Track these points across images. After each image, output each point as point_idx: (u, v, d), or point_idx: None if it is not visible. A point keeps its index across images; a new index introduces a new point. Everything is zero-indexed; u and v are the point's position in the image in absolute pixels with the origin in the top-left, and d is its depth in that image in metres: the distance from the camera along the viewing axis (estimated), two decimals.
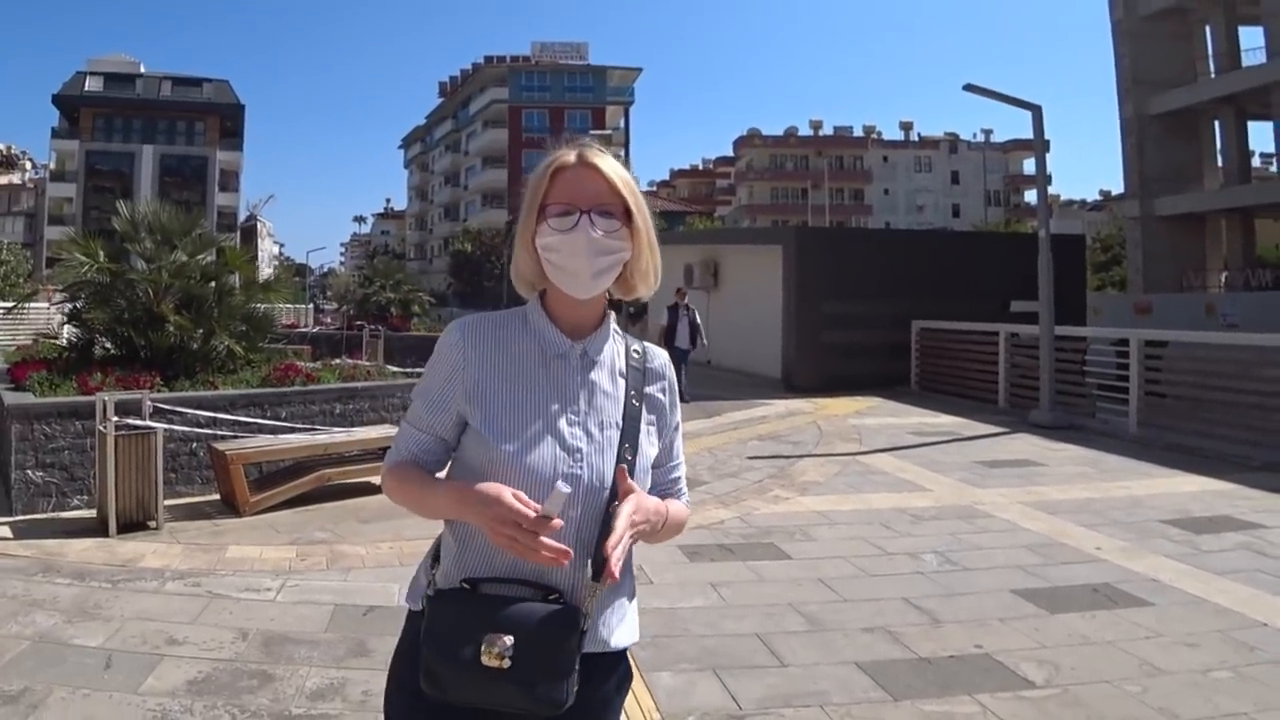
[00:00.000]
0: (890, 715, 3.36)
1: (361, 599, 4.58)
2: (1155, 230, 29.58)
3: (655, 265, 1.57)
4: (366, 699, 3.38)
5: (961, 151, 74.68)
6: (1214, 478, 7.85)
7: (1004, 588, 4.91)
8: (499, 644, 1.33)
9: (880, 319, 15.33)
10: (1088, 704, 3.49)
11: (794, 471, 8.20)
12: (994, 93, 12.07)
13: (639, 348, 1.61)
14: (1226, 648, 4.09)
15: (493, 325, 1.54)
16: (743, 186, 76.88)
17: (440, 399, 1.52)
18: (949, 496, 7.21)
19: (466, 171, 74.88)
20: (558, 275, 1.49)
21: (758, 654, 3.93)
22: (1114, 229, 48.74)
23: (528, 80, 69.51)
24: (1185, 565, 5.36)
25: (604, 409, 1.51)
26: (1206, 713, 3.43)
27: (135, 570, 4.98)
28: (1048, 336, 11.24)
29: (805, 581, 4.97)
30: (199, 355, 7.80)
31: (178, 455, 6.73)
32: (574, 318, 1.53)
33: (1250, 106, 28.19)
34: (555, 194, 1.49)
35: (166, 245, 8.02)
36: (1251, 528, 6.23)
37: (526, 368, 1.50)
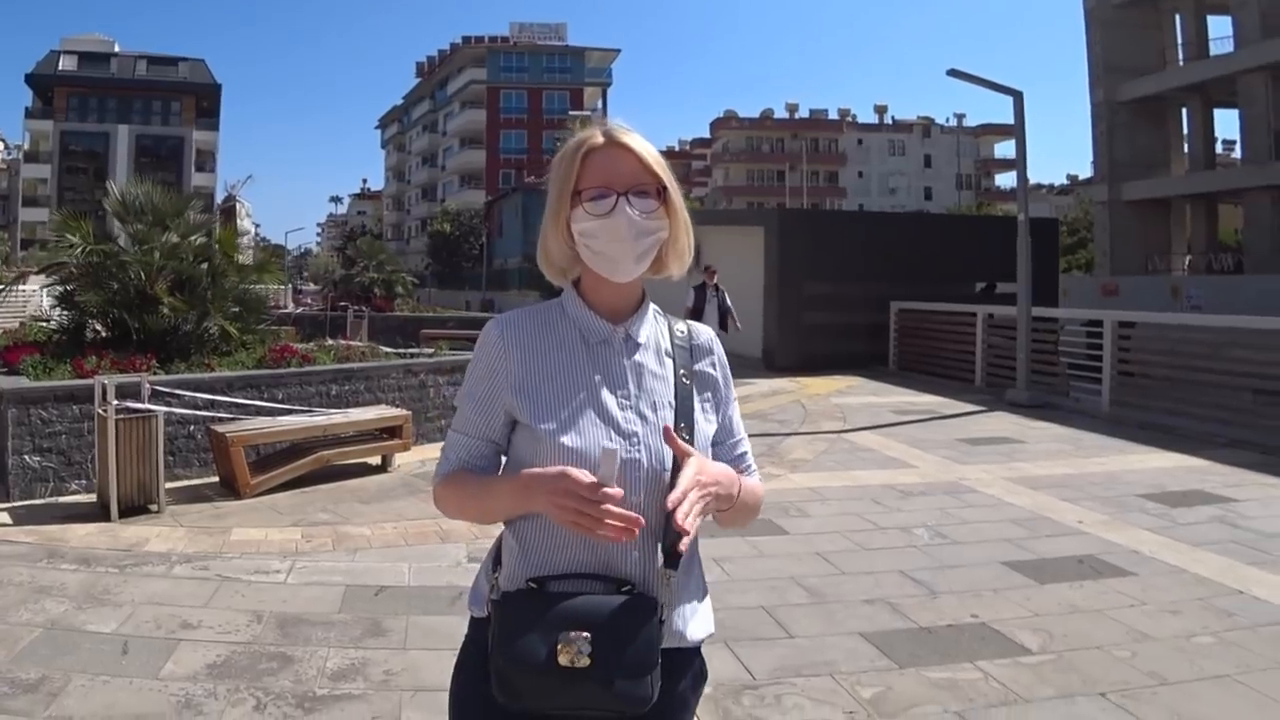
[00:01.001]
0: (897, 682, 3.46)
1: (372, 579, 4.60)
2: (1122, 214, 30.00)
3: (690, 242, 1.51)
4: (388, 678, 3.41)
5: (934, 135, 75.04)
6: (1186, 454, 8.05)
7: (994, 560, 5.03)
8: (576, 641, 1.26)
9: (860, 300, 15.47)
10: (1081, 669, 3.61)
11: (783, 449, 8.30)
12: (977, 78, 12.16)
13: (683, 326, 1.56)
14: (1207, 614, 4.23)
15: (531, 318, 1.49)
16: (719, 168, 76.81)
17: (487, 399, 1.46)
18: (935, 473, 7.33)
19: (444, 152, 74.25)
20: (597, 260, 1.43)
21: (765, 626, 4.01)
22: (1080, 213, 49.30)
23: (506, 61, 68.91)
24: (1163, 537, 5.52)
25: (655, 390, 1.45)
26: (1192, 675, 3.56)
27: (141, 555, 4.93)
28: (1025, 318, 11.41)
29: (804, 556, 5.06)
30: (193, 337, 7.73)
31: (175, 438, 6.68)
32: (613, 302, 1.48)
33: (1217, 95, 28.60)
34: (588, 177, 1.42)
35: (158, 226, 7.91)
36: (1223, 501, 6.40)
37: (571, 357, 1.45)
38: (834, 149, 75.06)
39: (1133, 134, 29.98)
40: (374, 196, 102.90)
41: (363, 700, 3.23)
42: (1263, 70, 25.08)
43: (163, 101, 53.70)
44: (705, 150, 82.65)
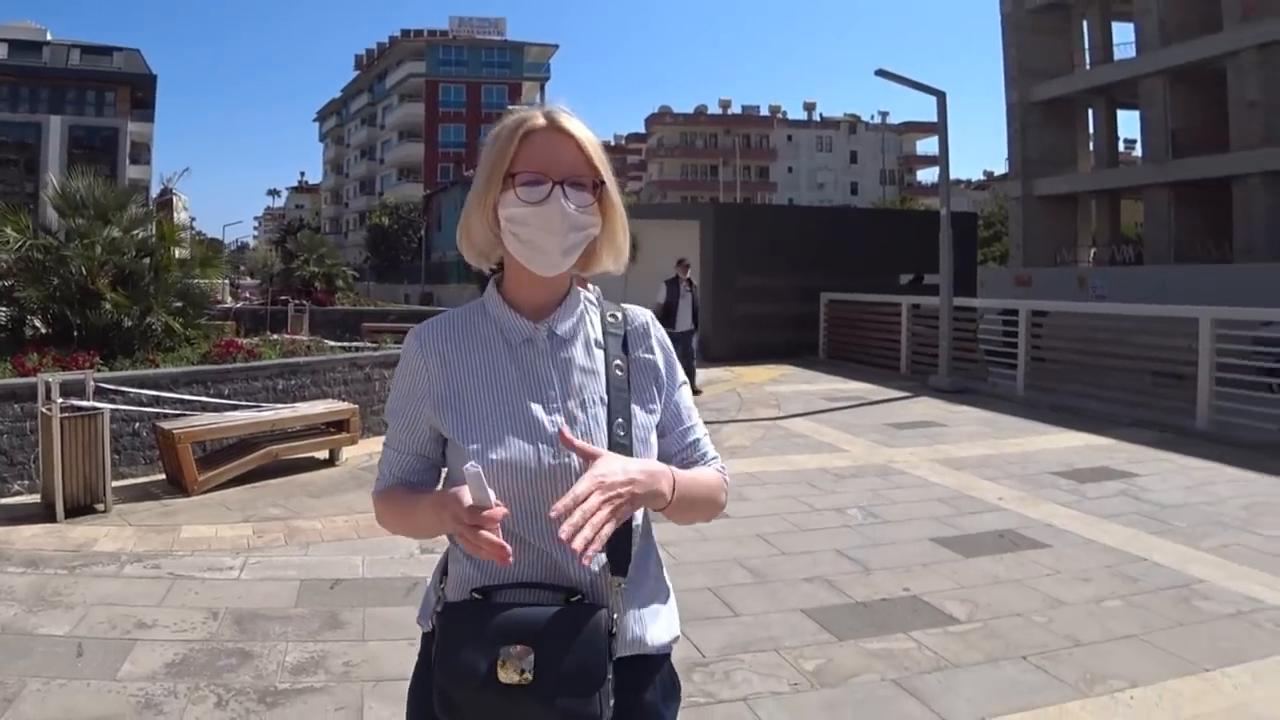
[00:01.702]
0: (837, 654, 3.59)
1: (326, 572, 4.55)
2: (1034, 209, 31.06)
3: (627, 240, 1.41)
4: (349, 670, 3.39)
5: (860, 132, 76.32)
6: (1093, 434, 8.42)
7: (923, 537, 5.22)
8: (517, 656, 1.15)
9: (791, 292, 15.73)
10: (1004, 635, 3.79)
11: (721, 437, 8.42)
12: (903, 78, 12.44)
13: (617, 311, 1.43)
14: (1115, 581, 4.48)
15: (450, 326, 1.38)
16: (654, 162, 76.95)
17: (410, 415, 1.36)
18: (865, 456, 7.54)
19: (383, 145, 72.83)
20: (523, 250, 1.31)
21: (712, 606, 4.11)
22: (996, 207, 50.76)
23: (445, 55, 67.83)
24: (1075, 511, 5.79)
25: (584, 386, 1.33)
26: (1103, 636, 3.78)
27: (90, 555, 4.78)
28: (948, 307, 11.76)
29: (746, 538, 5.17)
30: (136, 333, 7.50)
31: (120, 436, 6.49)
32: (537, 296, 1.36)
33: (1120, 97, 29.79)
34: (524, 160, 1.29)
35: (100, 220, 7.63)
36: (1127, 476, 6.74)
37: (492, 362, 1.33)
38: (765, 145, 75.84)
39: (1044, 133, 31.05)
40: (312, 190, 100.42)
41: (325, 692, 3.21)
42: (1161, 74, 26.19)
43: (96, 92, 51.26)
44: (640, 145, 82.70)
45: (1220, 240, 24.50)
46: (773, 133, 75.88)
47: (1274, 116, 22.92)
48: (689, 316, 11.52)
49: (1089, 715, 3.11)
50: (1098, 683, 3.35)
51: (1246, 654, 3.61)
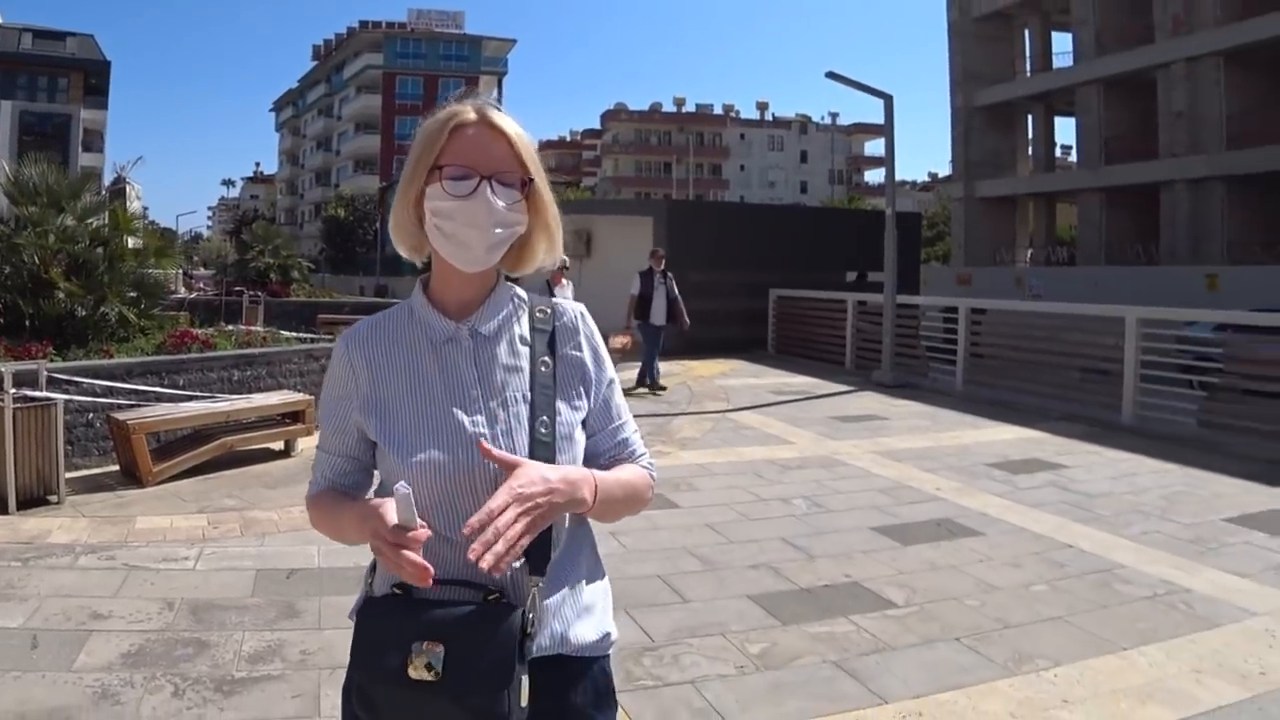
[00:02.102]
0: (781, 638, 3.69)
1: (282, 562, 4.52)
2: (975, 210, 31.76)
3: (558, 238, 1.38)
4: (305, 658, 3.39)
5: (811, 132, 77.07)
6: (1026, 427, 8.70)
7: (864, 526, 5.36)
8: (427, 653, 1.13)
9: (741, 288, 15.87)
10: (940, 618, 3.93)
11: (672, 429, 8.52)
12: (853, 81, 12.63)
13: (546, 307, 1.39)
14: (1043, 566, 4.66)
15: (377, 329, 1.36)
16: (609, 158, 76.79)
17: (339, 419, 1.35)
18: (810, 448, 7.69)
19: (339, 136, 71.54)
20: (446, 245, 1.29)
21: (662, 593, 4.19)
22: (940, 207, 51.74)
23: (403, 47, 66.86)
24: (1007, 500, 5.99)
25: (507, 384, 1.31)
26: (1030, 618, 3.94)
27: (44, 547, 4.68)
28: (890, 305, 12.00)
29: (695, 527, 5.26)
30: (90, 323, 7.31)
31: (74, 427, 6.34)
32: (463, 294, 1.34)
33: (1058, 104, 30.60)
34: (453, 153, 1.27)
35: (53, 208, 7.41)
36: (1056, 468, 6.98)
37: (416, 364, 1.31)
38: (718, 143, 76.17)
39: (986, 137, 31.74)
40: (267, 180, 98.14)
41: (282, 680, 3.21)
42: (1096, 83, 26.95)
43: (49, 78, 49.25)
44: (596, 141, 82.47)
45: (1148, 243, 25.33)
46: (726, 131, 76.25)
47: (1198, 127, 23.74)
48: (663, 310, 11.08)
49: (1015, 692, 3.25)
50: (1025, 662, 3.50)
51: (1161, 634, 3.80)
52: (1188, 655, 3.59)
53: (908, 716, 3.04)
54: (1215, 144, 23.27)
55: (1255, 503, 5.99)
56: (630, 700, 3.09)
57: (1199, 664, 3.50)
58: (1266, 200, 22.87)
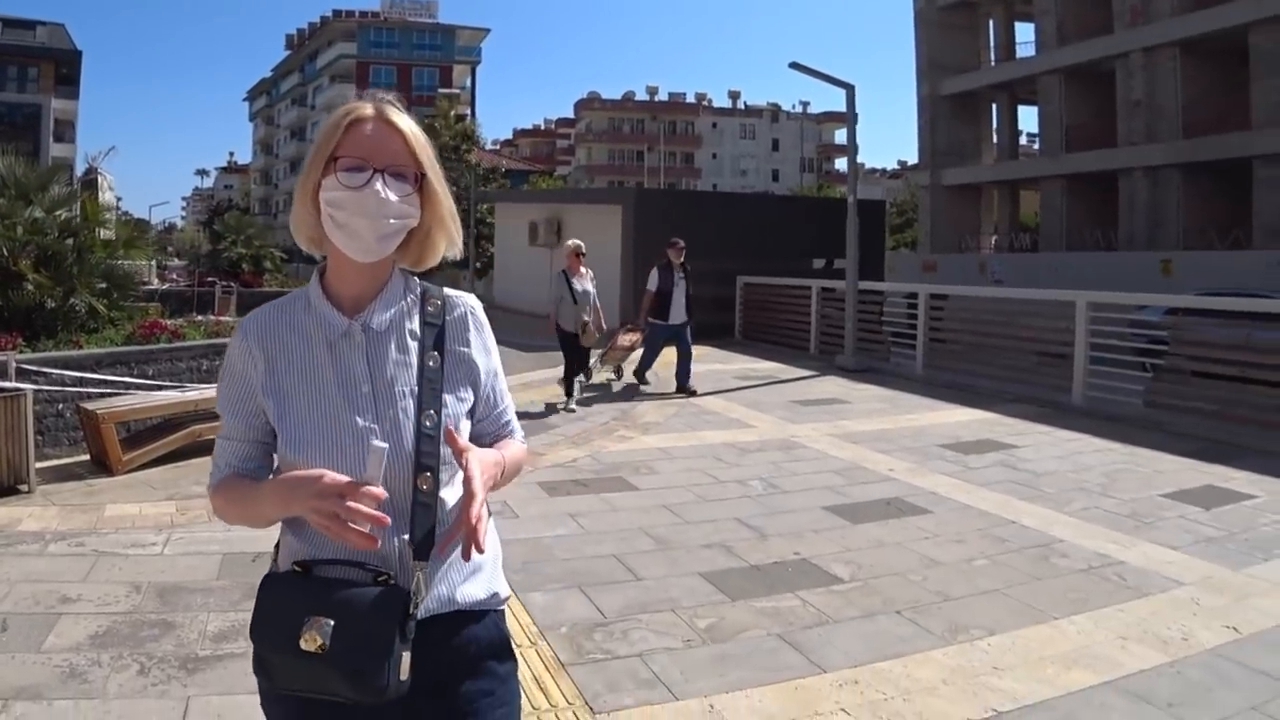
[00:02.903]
0: (729, 613, 3.81)
1: (248, 547, 4.55)
2: (941, 198, 32.11)
3: (454, 233, 1.43)
4: None
5: (782, 121, 77.27)
6: (980, 409, 8.90)
7: (816, 505, 5.50)
8: (316, 626, 1.21)
9: (709, 274, 15.87)
10: (882, 591, 4.08)
11: (636, 414, 8.62)
12: (815, 71, 12.74)
13: (439, 299, 1.44)
14: (985, 542, 4.83)
15: (276, 318, 1.39)
16: (582, 147, 76.58)
17: (242, 403, 1.37)
18: (770, 431, 7.83)
19: (313, 126, 70.33)
20: (339, 234, 1.32)
21: (616, 571, 4.30)
22: (908, 195, 52.21)
23: (376, 36, 66.08)
24: (957, 480, 6.17)
25: (395, 379, 1.36)
26: (970, 591, 4.10)
27: (14, 535, 4.72)
28: (852, 291, 12.17)
29: (652, 509, 5.38)
30: (59, 314, 7.29)
31: (44, 417, 6.33)
32: (358, 286, 1.38)
33: (1020, 93, 30.97)
34: (347, 147, 1.32)
35: (21, 200, 7.36)
36: (1007, 448, 7.17)
37: (311, 356, 1.36)
38: (690, 131, 76.18)
39: (951, 126, 32.06)
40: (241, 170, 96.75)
41: (245, 658, 3.27)
42: (1057, 73, 27.32)
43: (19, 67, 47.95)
44: (569, 130, 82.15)
45: (1107, 230, 25.78)
46: (698, 120, 76.26)
47: (1155, 116, 24.18)
48: (684, 308, 10.03)
49: (949, 660, 3.39)
50: (960, 632, 3.65)
51: (1092, 603, 3.97)
52: (1115, 623, 3.76)
53: (845, 685, 3.18)
54: (1171, 132, 23.72)
55: (1192, 479, 6.20)
56: (579, 672, 3.20)
57: (1125, 631, 3.67)
58: (1220, 187, 23.37)
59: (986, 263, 26.49)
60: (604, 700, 3.02)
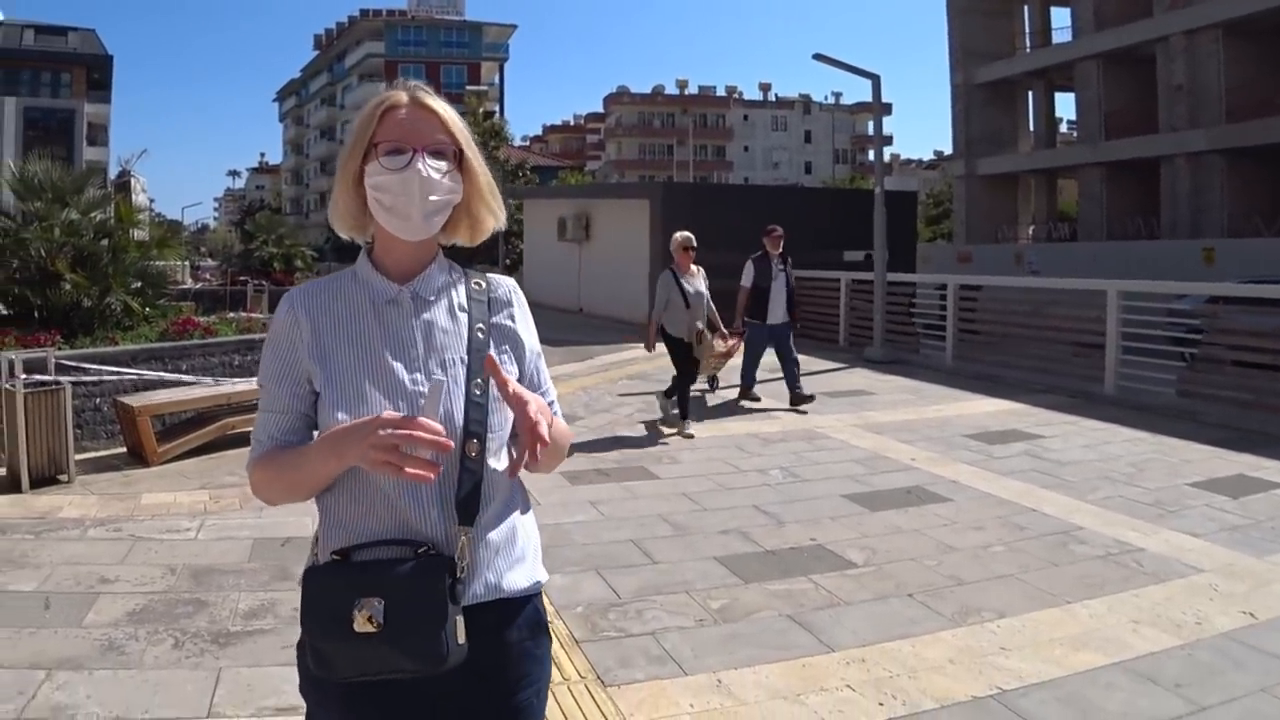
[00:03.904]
0: (742, 595, 3.92)
1: (278, 532, 4.75)
2: (976, 188, 31.72)
3: (495, 208, 1.48)
4: (296, 615, 3.56)
5: (814, 112, 76.64)
6: (1008, 400, 8.88)
7: (836, 494, 5.58)
8: (367, 607, 1.23)
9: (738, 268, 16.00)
10: (896, 576, 4.15)
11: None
12: (839, 62, 12.74)
13: (481, 280, 1.50)
14: (1004, 529, 4.87)
15: (320, 289, 1.44)
16: (612, 142, 76.65)
17: (288, 371, 1.39)
18: (794, 422, 7.90)
19: (342, 125, 71.44)
20: (387, 217, 1.38)
21: (633, 555, 4.42)
22: (945, 186, 51.60)
23: (404, 35, 66.90)
24: (979, 469, 6.20)
25: (446, 346, 1.39)
26: (984, 576, 4.16)
27: (55, 521, 4.96)
28: (881, 282, 12.16)
29: (672, 496, 5.49)
30: (96, 312, 7.60)
31: (82, 411, 6.62)
32: (404, 262, 1.43)
33: (1057, 79, 30.43)
34: (385, 132, 1.37)
35: (58, 203, 7.70)
36: (1033, 438, 7.17)
37: (359, 322, 1.39)
38: (721, 124, 75.91)
39: (986, 114, 31.65)
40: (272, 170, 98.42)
41: (274, 634, 3.47)
42: (1095, 58, 26.83)
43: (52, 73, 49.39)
44: (599, 125, 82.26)
45: (1149, 218, 25.31)
46: (729, 112, 75.95)
47: (1198, 101, 23.66)
48: (784, 305, 8.95)
49: (958, 641, 3.47)
50: (970, 615, 3.72)
51: (1107, 589, 4.01)
52: (1129, 608, 3.80)
53: (852, 663, 3.27)
54: (1215, 117, 23.20)
55: (1221, 468, 6.17)
56: (592, 649, 3.33)
57: (1138, 615, 3.71)
58: (1266, 173, 22.83)
59: (1023, 253, 26.14)
60: (615, 674, 3.14)
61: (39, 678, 3.05)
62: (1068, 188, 33.68)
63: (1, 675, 3.06)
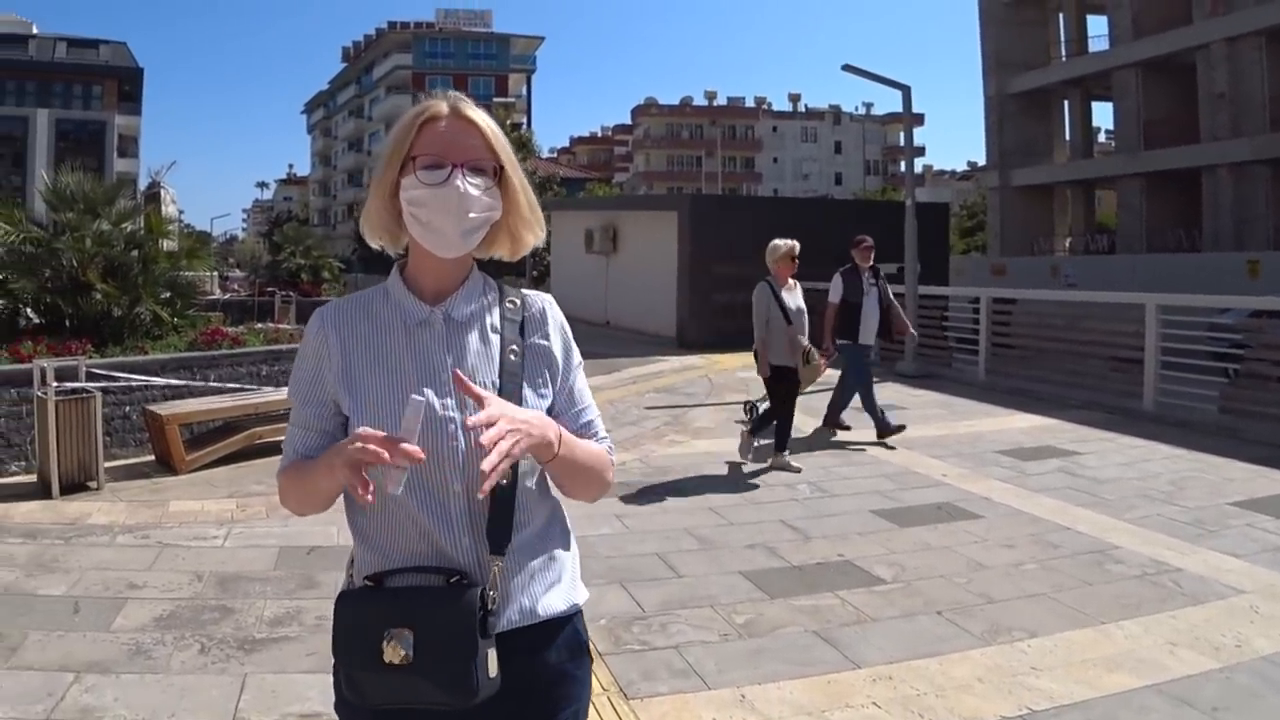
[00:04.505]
0: (768, 610, 3.92)
1: (304, 541, 4.83)
2: (1011, 199, 31.45)
3: (537, 221, 1.45)
4: (320, 623, 3.69)
5: (844, 123, 76.55)
6: (1042, 415, 8.78)
7: (864, 509, 5.55)
8: (397, 638, 1.21)
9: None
10: (924, 593, 4.13)
11: (687, 419, 8.75)
12: (869, 73, 12.74)
13: (516, 298, 1.45)
14: (1036, 547, 4.82)
15: (352, 306, 1.42)
16: (640, 154, 77.04)
17: (313, 390, 1.39)
18: (821, 437, 7.86)
19: (370, 137, 72.78)
20: (423, 232, 1.34)
21: (657, 569, 4.43)
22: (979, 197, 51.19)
23: (431, 47, 67.91)
24: (1011, 486, 6.13)
25: (477, 370, 1.36)
26: (1015, 594, 4.12)
27: (84, 527, 5.08)
28: (912, 295, 12.09)
29: (698, 510, 5.50)
30: (125, 322, 7.78)
31: (112, 419, 6.75)
32: (438, 280, 1.40)
33: (1094, 88, 30.19)
34: (424, 145, 1.34)
35: (90, 214, 7.92)
36: (1068, 454, 7.08)
37: (389, 344, 1.37)
38: (750, 135, 76.06)
39: (1020, 124, 31.42)
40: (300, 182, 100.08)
41: (298, 641, 3.53)
42: (1133, 67, 26.58)
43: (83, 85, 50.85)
44: (627, 136, 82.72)
45: (1190, 229, 24.95)
46: (758, 124, 76.09)
47: (1241, 109, 23.34)
48: (875, 323, 7.95)
49: (987, 660, 3.44)
50: (1001, 633, 3.69)
51: (1143, 609, 3.95)
52: (1165, 629, 3.74)
53: (878, 680, 3.26)
54: (1259, 126, 22.87)
55: (1265, 487, 6.05)
56: (616, 662, 3.35)
57: (1175, 637, 3.65)
58: None
59: (1059, 266, 25.87)
60: (638, 687, 3.16)
61: (68, 680, 3.13)
62: (1106, 199, 33.28)
63: (31, 677, 3.15)
